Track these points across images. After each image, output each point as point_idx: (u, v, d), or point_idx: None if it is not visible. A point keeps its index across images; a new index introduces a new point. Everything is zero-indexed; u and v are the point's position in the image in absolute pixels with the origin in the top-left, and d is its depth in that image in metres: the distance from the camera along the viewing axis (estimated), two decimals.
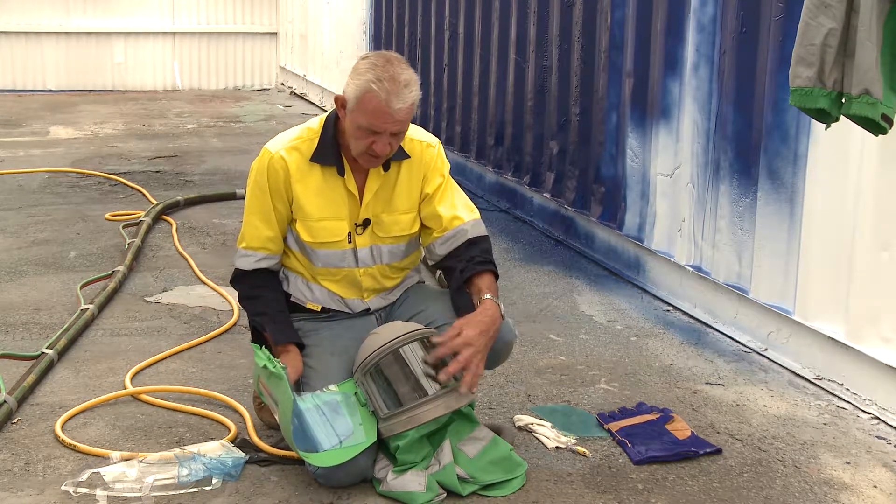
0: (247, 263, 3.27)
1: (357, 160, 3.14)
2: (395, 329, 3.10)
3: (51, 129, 9.53)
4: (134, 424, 3.45)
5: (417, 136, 3.29)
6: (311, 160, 3.17)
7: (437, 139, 3.37)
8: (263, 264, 3.26)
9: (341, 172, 3.18)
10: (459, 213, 3.27)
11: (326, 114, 3.24)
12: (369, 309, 3.33)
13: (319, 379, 3.12)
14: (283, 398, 2.97)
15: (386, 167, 3.21)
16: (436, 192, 3.27)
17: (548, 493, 3.05)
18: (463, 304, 3.15)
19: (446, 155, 3.38)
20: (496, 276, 3.21)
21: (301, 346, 3.22)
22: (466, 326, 2.99)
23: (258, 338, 3.31)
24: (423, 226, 3.31)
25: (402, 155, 3.22)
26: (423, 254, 3.45)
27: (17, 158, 8.09)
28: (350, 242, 3.22)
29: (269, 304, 3.25)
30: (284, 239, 3.28)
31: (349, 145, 3.12)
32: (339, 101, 3.10)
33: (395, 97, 2.98)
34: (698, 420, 3.59)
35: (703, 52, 4.55)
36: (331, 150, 3.17)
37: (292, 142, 3.21)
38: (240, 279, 3.31)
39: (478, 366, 2.97)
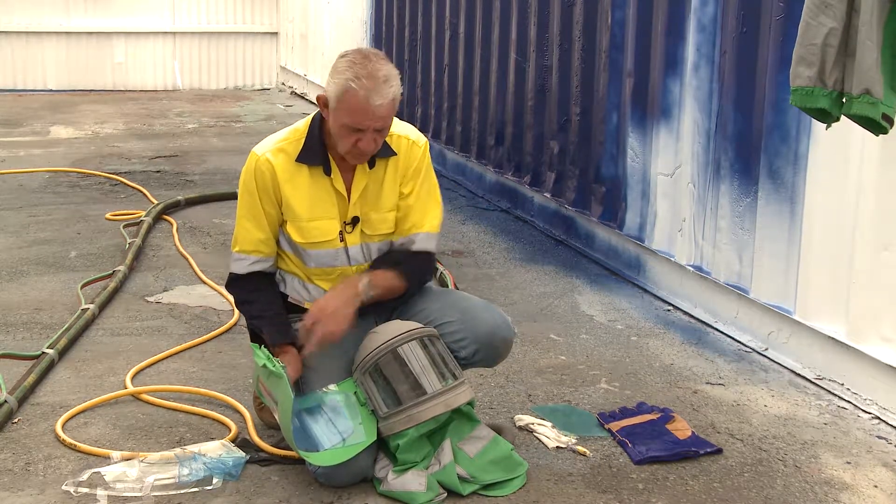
0: (241, 267, 3.26)
1: (344, 158, 3.14)
2: (394, 328, 3.10)
3: (51, 129, 9.53)
4: (134, 424, 3.45)
5: (405, 133, 3.28)
6: (297, 160, 3.17)
7: (425, 138, 3.36)
8: (257, 267, 3.26)
9: (328, 172, 3.18)
10: (419, 222, 3.27)
11: (312, 115, 3.24)
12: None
13: (319, 379, 3.12)
14: (284, 398, 2.97)
15: (371, 164, 3.21)
16: (410, 195, 3.26)
17: (548, 493, 3.05)
18: None
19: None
20: (405, 282, 3.23)
21: (299, 347, 3.22)
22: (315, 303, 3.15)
23: (257, 339, 3.31)
24: None
25: (388, 152, 3.22)
26: None
27: (17, 158, 8.09)
28: (341, 241, 3.22)
29: (265, 306, 3.25)
30: (277, 241, 3.28)
31: (335, 144, 3.12)
32: (322, 101, 3.11)
33: (374, 94, 2.98)
34: (699, 420, 3.59)
35: (704, 52, 4.55)
36: (317, 151, 3.17)
37: (278, 144, 3.21)
38: (235, 283, 3.30)
39: (320, 327, 3.06)
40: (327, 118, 3.11)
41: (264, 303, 3.25)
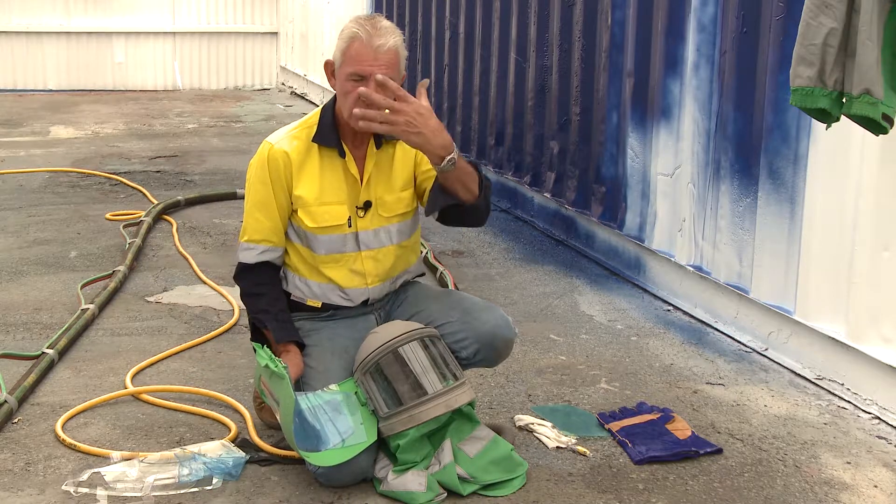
0: (250, 257, 3.26)
1: (354, 136, 3.17)
2: (395, 328, 3.10)
3: (51, 129, 9.53)
4: (134, 424, 3.45)
5: None
6: (312, 140, 3.20)
7: None
8: (266, 257, 3.26)
9: (342, 154, 3.20)
10: None
11: (322, 105, 3.27)
12: (368, 300, 3.32)
13: (319, 379, 3.12)
14: (285, 398, 2.97)
15: (378, 144, 3.22)
16: (429, 173, 3.27)
17: (548, 493, 3.05)
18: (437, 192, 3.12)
19: None
20: (479, 186, 3.13)
21: (301, 346, 3.22)
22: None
23: (257, 336, 3.31)
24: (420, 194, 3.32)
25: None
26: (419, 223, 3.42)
27: (17, 158, 8.09)
28: (350, 227, 3.23)
29: (271, 302, 3.25)
30: (285, 233, 3.28)
31: (342, 114, 3.14)
32: (329, 67, 3.17)
33: (375, 37, 3.04)
34: (699, 420, 3.59)
35: (704, 52, 4.55)
36: (331, 133, 3.20)
37: (291, 132, 3.25)
38: (243, 274, 3.30)
39: (386, 114, 2.89)
40: (334, 85, 3.15)
41: (270, 298, 3.25)
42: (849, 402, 3.76)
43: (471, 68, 7.11)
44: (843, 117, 2.98)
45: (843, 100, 2.94)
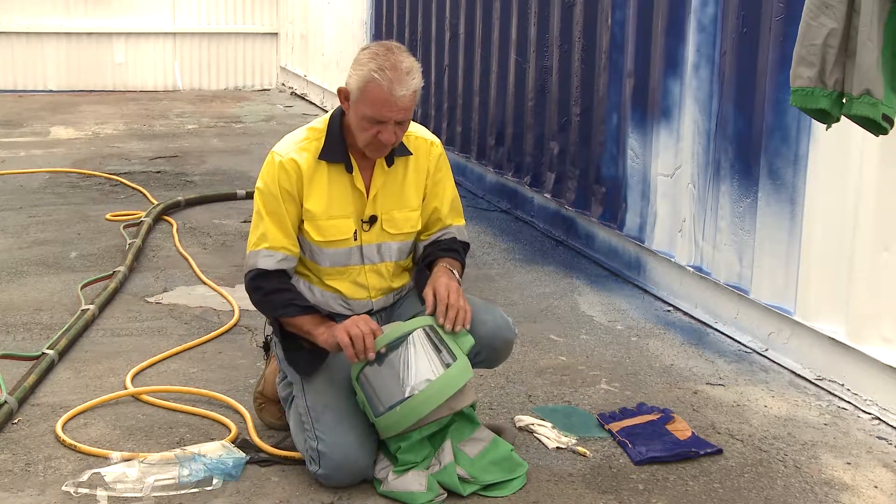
0: (270, 263, 3.15)
1: (364, 153, 3.14)
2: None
3: (51, 130, 9.53)
4: (134, 425, 3.45)
5: (421, 134, 3.30)
6: (319, 158, 3.16)
7: (437, 138, 3.39)
8: (284, 265, 3.19)
9: (349, 169, 3.18)
10: (449, 218, 3.33)
11: (330, 113, 3.24)
12: (372, 310, 3.32)
13: (325, 373, 3.11)
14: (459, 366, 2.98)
15: (389, 162, 3.21)
16: (435, 192, 3.28)
17: (548, 494, 3.05)
18: (421, 278, 3.25)
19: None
20: (462, 265, 3.28)
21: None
22: (433, 284, 3.09)
23: (282, 333, 3.23)
24: None
25: (404, 151, 3.23)
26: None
27: (17, 158, 8.09)
28: (356, 240, 3.22)
29: (296, 296, 3.16)
30: None
31: (355, 140, 3.12)
32: (343, 94, 3.11)
33: (397, 85, 2.99)
34: (699, 420, 3.59)
35: (704, 53, 4.55)
36: (338, 148, 3.16)
37: (299, 143, 3.19)
38: (261, 278, 3.17)
39: (462, 304, 3.06)
40: (348, 111, 3.11)
41: (295, 294, 3.17)
42: (849, 402, 3.76)
43: (471, 69, 7.11)
44: (843, 118, 2.98)
45: (844, 100, 2.94)
